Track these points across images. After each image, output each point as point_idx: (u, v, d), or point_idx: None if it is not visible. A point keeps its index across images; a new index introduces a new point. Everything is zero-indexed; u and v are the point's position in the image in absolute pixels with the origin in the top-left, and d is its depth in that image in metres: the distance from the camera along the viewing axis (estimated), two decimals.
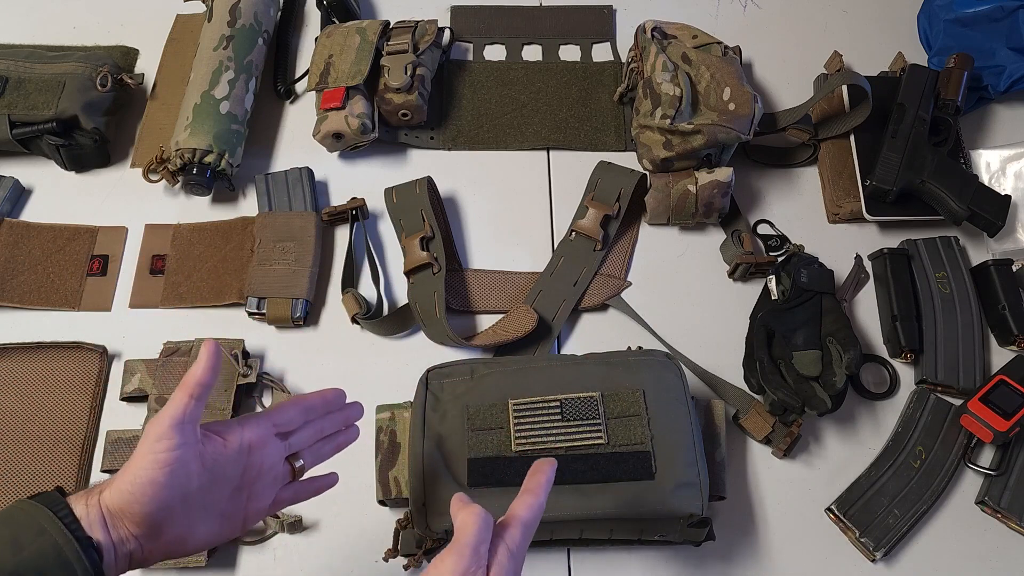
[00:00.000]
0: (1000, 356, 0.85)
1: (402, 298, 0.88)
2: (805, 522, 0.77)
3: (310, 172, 0.92)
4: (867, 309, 0.89)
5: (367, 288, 0.89)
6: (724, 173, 0.87)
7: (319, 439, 0.62)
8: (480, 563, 0.46)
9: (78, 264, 0.89)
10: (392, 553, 0.71)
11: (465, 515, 0.48)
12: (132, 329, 0.86)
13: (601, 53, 1.06)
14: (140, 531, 0.49)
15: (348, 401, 0.64)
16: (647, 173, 0.92)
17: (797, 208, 0.95)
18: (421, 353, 0.84)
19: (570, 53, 1.06)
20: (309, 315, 0.86)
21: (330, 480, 0.64)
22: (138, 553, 0.50)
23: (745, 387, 0.81)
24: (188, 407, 0.50)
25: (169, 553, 0.52)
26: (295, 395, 0.58)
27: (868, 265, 0.91)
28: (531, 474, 0.54)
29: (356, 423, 0.65)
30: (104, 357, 0.83)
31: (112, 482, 0.50)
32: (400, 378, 0.79)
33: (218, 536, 0.54)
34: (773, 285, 0.86)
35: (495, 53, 1.06)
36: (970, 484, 0.79)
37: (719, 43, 0.93)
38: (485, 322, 0.87)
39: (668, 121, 0.86)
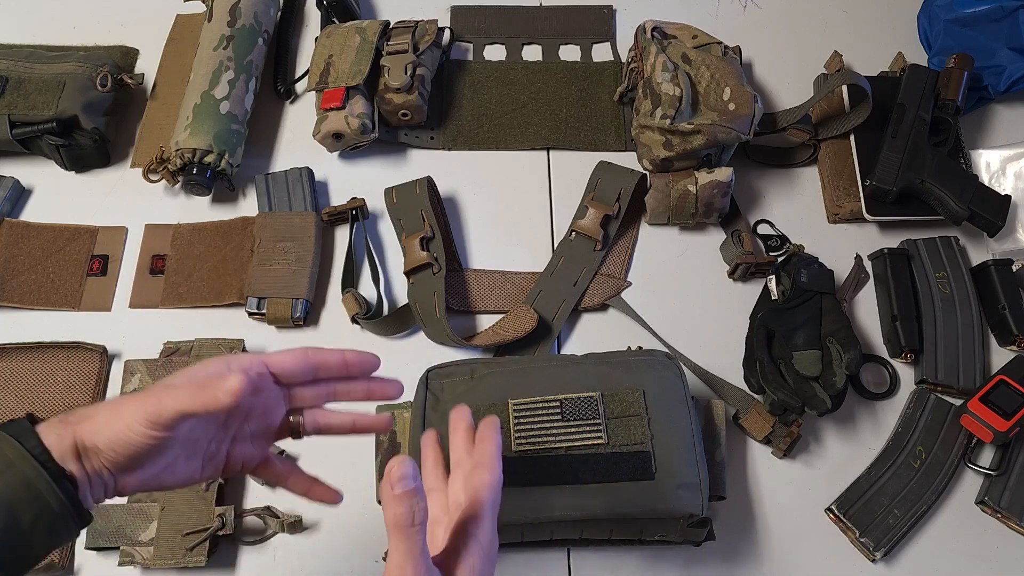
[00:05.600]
0: (1000, 356, 0.85)
1: (402, 298, 0.88)
2: (805, 522, 0.77)
3: (310, 172, 0.92)
4: (867, 309, 0.89)
5: (367, 288, 0.89)
6: (724, 173, 0.87)
7: (326, 402, 0.55)
8: (425, 570, 0.44)
9: (78, 264, 0.89)
10: None
11: (391, 525, 0.44)
12: (132, 329, 0.86)
13: (601, 53, 1.06)
14: (115, 468, 0.47)
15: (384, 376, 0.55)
16: (647, 173, 0.92)
17: (797, 208, 0.95)
18: (421, 353, 0.84)
19: (570, 53, 1.06)
20: (309, 315, 0.86)
21: (330, 495, 0.56)
22: (111, 484, 0.48)
23: (745, 387, 0.81)
24: (195, 415, 0.46)
25: (147, 487, 0.49)
26: (307, 347, 0.52)
27: (868, 265, 0.91)
28: (478, 442, 0.51)
29: (385, 414, 0.57)
30: (104, 357, 0.83)
31: (91, 419, 0.47)
32: (400, 378, 0.78)
33: (200, 475, 0.51)
34: (773, 285, 0.86)
35: (495, 53, 1.06)
36: (970, 484, 0.79)
37: (719, 43, 0.93)
38: (485, 322, 0.87)
39: (668, 121, 0.86)
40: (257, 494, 0.77)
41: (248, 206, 0.94)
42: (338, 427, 0.55)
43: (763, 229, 0.93)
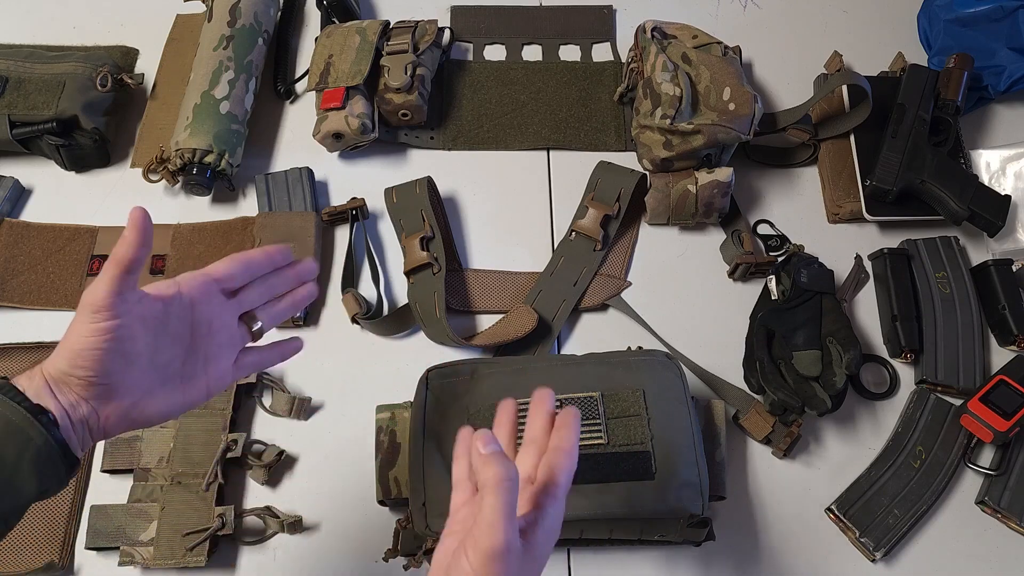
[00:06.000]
0: (1000, 356, 0.85)
1: (402, 298, 0.88)
2: (805, 522, 0.77)
3: (310, 172, 0.92)
4: (867, 309, 0.89)
5: (367, 288, 0.89)
6: (724, 173, 0.87)
7: (272, 298, 0.60)
8: (515, 531, 0.44)
9: (78, 264, 0.89)
10: (392, 553, 0.71)
11: (488, 482, 0.44)
12: None
13: (601, 53, 1.06)
14: (88, 394, 0.49)
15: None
16: (647, 173, 0.92)
17: (797, 208, 0.95)
18: (421, 353, 0.84)
19: (570, 53, 1.06)
20: (309, 315, 0.86)
21: (294, 345, 0.62)
22: (94, 419, 0.50)
23: (745, 387, 0.81)
24: (122, 282, 0.49)
25: (132, 420, 0.52)
26: (233, 254, 0.58)
27: (868, 265, 0.91)
28: (562, 427, 0.52)
29: (312, 281, 0.63)
30: None
31: (54, 354, 0.50)
32: (400, 378, 0.79)
33: (183, 401, 0.54)
34: (773, 285, 0.86)
35: (495, 53, 1.06)
36: (970, 484, 0.79)
37: (719, 43, 0.93)
38: (485, 322, 0.87)
39: (668, 121, 0.86)
40: (257, 494, 0.77)
41: (248, 206, 0.94)
42: (284, 309, 0.61)
43: (763, 229, 0.93)
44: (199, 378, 0.55)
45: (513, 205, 0.95)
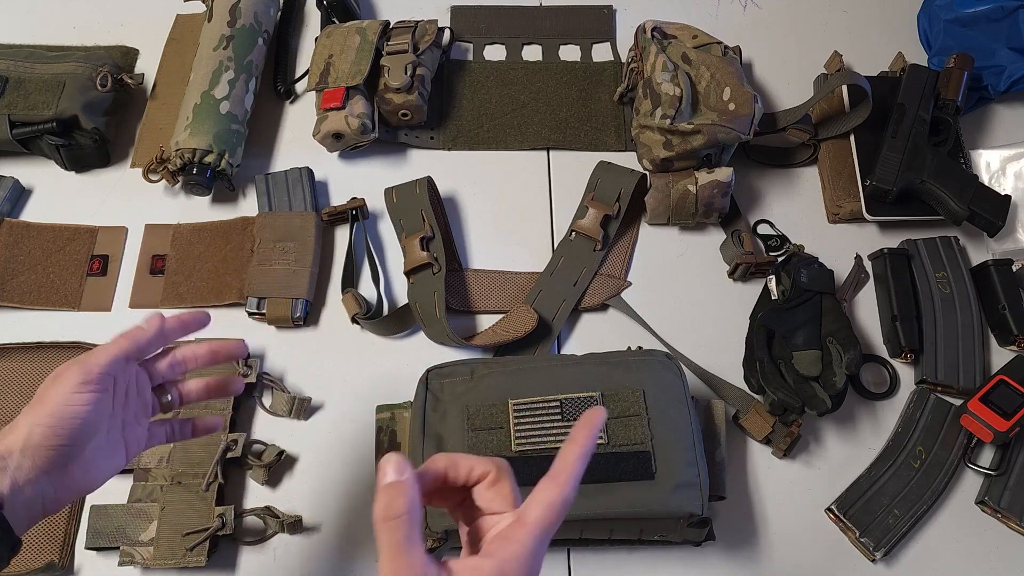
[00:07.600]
0: (1000, 356, 0.85)
1: (402, 298, 0.88)
2: (805, 522, 0.77)
3: (310, 172, 0.92)
4: (867, 309, 0.89)
5: (367, 288, 0.89)
6: (724, 173, 0.87)
7: (182, 372, 0.60)
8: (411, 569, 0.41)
9: (78, 264, 0.89)
10: None
11: (375, 519, 0.42)
12: None
13: (601, 53, 1.06)
14: (50, 465, 0.50)
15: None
16: (647, 173, 0.92)
17: (797, 208, 0.95)
18: (421, 353, 0.84)
19: (570, 53, 1.06)
20: (309, 315, 0.86)
21: (210, 423, 0.63)
22: (50, 492, 0.51)
23: (745, 387, 0.81)
24: (126, 357, 0.52)
25: (78, 489, 0.53)
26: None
27: (868, 265, 0.91)
28: (563, 444, 0.46)
29: (237, 379, 0.63)
30: None
31: (13, 429, 0.50)
32: (400, 378, 0.79)
33: (113, 466, 0.55)
34: (773, 285, 0.86)
35: (495, 53, 1.06)
36: (970, 484, 0.79)
37: (719, 43, 0.93)
38: (485, 322, 0.87)
39: (668, 121, 0.86)
40: (257, 494, 0.77)
41: (248, 206, 0.94)
42: (197, 391, 0.62)
43: (763, 229, 0.93)
44: (119, 444, 0.56)
45: (513, 205, 0.95)
